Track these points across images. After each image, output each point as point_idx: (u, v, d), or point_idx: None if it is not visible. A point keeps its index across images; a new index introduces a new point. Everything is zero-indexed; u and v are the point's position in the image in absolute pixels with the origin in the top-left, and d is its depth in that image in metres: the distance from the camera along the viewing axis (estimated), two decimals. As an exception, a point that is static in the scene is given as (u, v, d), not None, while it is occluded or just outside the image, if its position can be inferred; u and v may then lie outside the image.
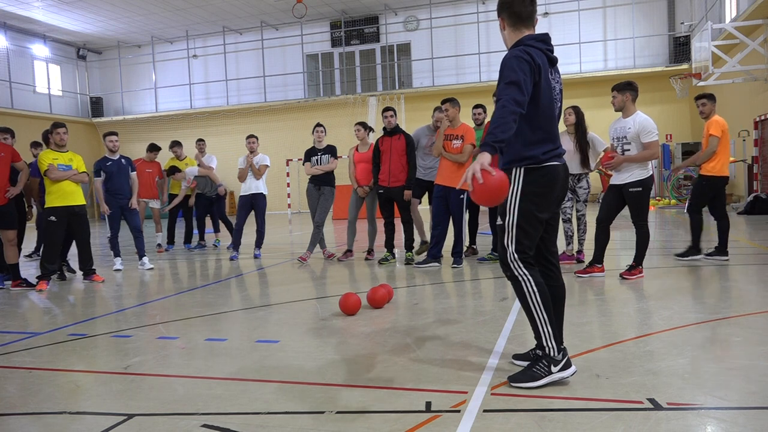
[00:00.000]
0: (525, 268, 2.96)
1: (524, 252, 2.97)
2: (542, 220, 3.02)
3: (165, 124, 24.87)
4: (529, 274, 2.95)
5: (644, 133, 5.63)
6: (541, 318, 2.95)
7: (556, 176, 3.02)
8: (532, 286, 2.94)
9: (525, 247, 2.97)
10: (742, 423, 2.45)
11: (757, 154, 14.75)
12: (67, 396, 3.10)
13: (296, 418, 2.65)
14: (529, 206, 2.96)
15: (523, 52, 2.89)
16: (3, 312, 5.51)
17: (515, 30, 3.06)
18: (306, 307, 5.15)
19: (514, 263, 2.97)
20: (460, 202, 6.97)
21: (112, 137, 8.00)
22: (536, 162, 2.96)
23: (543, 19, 21.60)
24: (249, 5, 21.85)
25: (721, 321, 4.08)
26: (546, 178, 2.98)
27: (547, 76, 2.98)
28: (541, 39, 3.02)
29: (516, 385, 2.93)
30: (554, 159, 3.01)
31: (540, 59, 2.92)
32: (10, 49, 22.39)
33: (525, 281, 2.95)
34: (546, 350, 2.95)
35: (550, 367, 2.93)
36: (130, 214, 8.01)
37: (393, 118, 7.55)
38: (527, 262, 2.98)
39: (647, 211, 5.83)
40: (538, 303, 2.94)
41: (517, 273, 2.96)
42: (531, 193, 2.96)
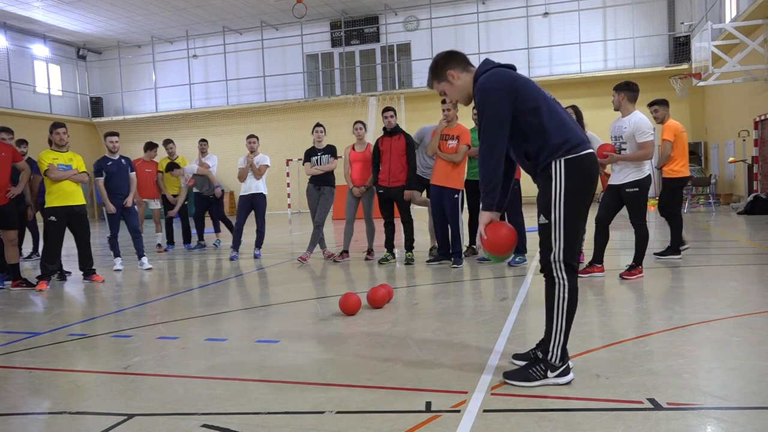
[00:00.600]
0: (566, 272, 2.89)
1: (572, 256, 2.89)
2: (586, 218, 2.97)
3: (165, 124, 24.87)
4: (568, 280, 2.89)
5: (639, 133, 5.67)
6: (561, 325, 2.91)
7: (594, 164, 2.92)
8: (566, 292, 2.89)
9: (573, 250, 2.89)
10: (742, 423, 2.45)
11: (757, 154, 14.75)
12: (67, 396, 3.10)
13: (296, 418, 2.65)
14: (576, 202, 2.87)
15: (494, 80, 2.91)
16: (3, 312, 5.51)
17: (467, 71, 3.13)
18: (306, 307, 5.15)
19: (557, 264, 2.90)
20: (454, 202, 6.97)
21: (112, 138, 8.00)
22: (571, 148, 2.86)
23: (543, 19, 21.62)
24: (249, 5, 21.85)
25: (721, 321, 4.08)
26: (587, 169, 2.88)
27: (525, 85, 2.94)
28: (498, 65, 3.05)
29: (509, 382, 2.95)
30: (586, 145, 2.92)
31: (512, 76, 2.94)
32: (10, 49, 22.39)
33: (561, 285, 2.90)
34: (549, 355, 2.94)
35: (547, 372, 2.93)
36: (128, 215, 8.01)
37: (393, 118, 7.55)
38: (571, 266, 2.91)
39: (645, 211, 5.85)
40: (564, 310, 2.90)
41: (556, 275, 2.91)
42: (577, 187, 2.86)
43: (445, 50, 3.25)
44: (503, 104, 2.88)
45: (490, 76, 2.96)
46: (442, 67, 3.14)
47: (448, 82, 3.13)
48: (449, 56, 3.17)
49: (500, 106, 2.87)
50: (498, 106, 2.88)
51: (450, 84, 3.13)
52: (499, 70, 3.00)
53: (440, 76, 3.15)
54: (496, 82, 2.91)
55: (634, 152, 5.69)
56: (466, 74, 3.11)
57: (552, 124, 2.89)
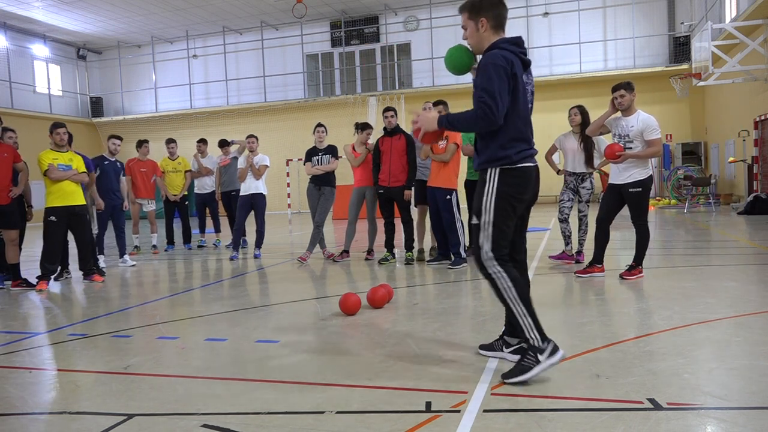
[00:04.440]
0: (499, 265, 3.06)
1: (500, 251, 3.08)
2: (515, 220, 3.16)
3: (165, 124, 24.88)
4: (504, 271, 3.05)
5: (648, 131, 5.63)
6: (520, 311, 3.02)
7: (530, 177, 3.12)
8: (507, 281, 3.03)
9: (501, 246, 3.08)
10: (742, 423, 2.45)
11: (757, 154, 14.75)
12: (67, 396, 3.10)
13: (296, 418, 2.65)
14: (504, 206, 3.06)
15: (502, 59, 2.98)
16: (3, 312, 5.51)
17: (495, 33, 3.13)
18: (306, 307, 5.15)
19: (488, 262, 3.07)
20: (447, 202, 6.94)
21: (116, 141, 8.40)
22: (510, 162, 3.05)
23: (543, 19, 21.62)
24: (249, 5, 21.86)
25: (721, 321, 4.08)
26: (520, 179, 3.08)
27: (522, 80, 3.06)
28: (515, 42, 3.11)
29: (510, 381, 2.95)
30: (528, 160, 3.11)
31: (516, 65, 3.02)
32: (10, 49, 22.40)
33: (500, 278, 3.04)
34: (530, 341, 3.00)
35: (537, 356, 2.96)
36: (119, 214, 8.38)
37: (393, 118, 7.55)
38: (502, 259, 3.07)
39: (647, 211, 5.83)
40: (515, 297, 3.02)
41: (491, 271, 3.06)
42: (506, 194, 3.06)
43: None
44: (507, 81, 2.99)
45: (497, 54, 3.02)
46: (485, 10, 3.11)
47: (476, 24, 3.13)
48: (495, 4, 3.12)
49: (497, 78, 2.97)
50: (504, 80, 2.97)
51: (475, 28, 3.14)
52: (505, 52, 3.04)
53: (475, 14, 3.13)
54: (515, 64, 3.01)
55: (644, 149, 5.66)
56: (492, 33, 3.13)
57: (509, 137, 3.05)
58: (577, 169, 6.90)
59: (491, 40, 3.11)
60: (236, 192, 9.44)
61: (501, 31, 3.14)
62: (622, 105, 5.74)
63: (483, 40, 3.13)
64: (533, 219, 13.79)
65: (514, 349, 3.31)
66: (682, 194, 17.44)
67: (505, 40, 3.11)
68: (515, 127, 3.05)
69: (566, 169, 7.00)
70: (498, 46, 3.07)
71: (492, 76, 2.94)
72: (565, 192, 7.04)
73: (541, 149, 7.87)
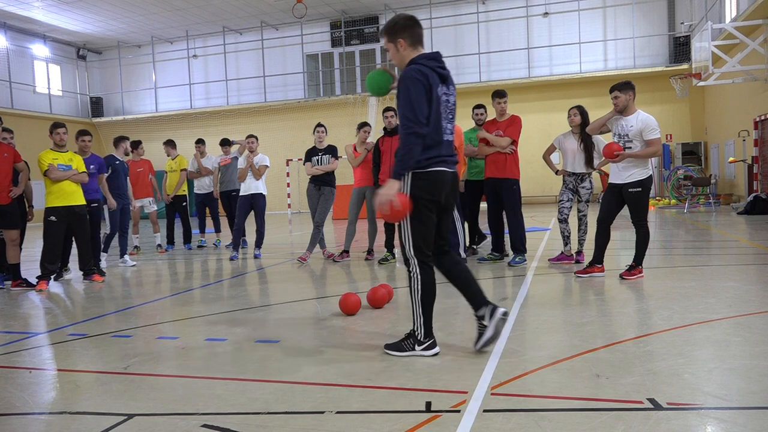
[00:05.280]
0: (419, 267, 3.43)
1: (420, 250, 3.43)
2: (434, 219, 3.45)
3: (165, 124, 24.89)
4: (420, 274, 3.43)
5: (647, 130, 5.63)
6: (418, 310, 3.47)
7: (442, 180, 3.43)
8: (419, 284, 3.44)
9: (421, 244, 3.43)
10: (742, 423, 2.45)
11: (757, 154, 14.75)
12: (67, 396, 3.10)
13: (296, 418, 2.65)
14: (419, 207, 3.38)
15: (419, 73, 3.32)
16: (3, 312, 5.51)
17: (414, 50, 3.47)
18: (306, 307, 5.15)
19: (411, 260, 3.45)
20: None
21: (126, 143, 8.64)
22: (421, 167, 3.37)
23: (543, 19, 21.62)
24: (249, 5, 21.86)
25: (721, 321, 4.08)
26: (430, 182, 3.40)
27: (437, 91, 3.38)
28: (432, 57, 3.44)
29: (387, 352, 3.53)
30: (440, 165, 3.42)
31: (432, 78, 3.35)
32: (10, 49, 22.40)
33: (415, 280, 3.45)
34: (416, 333, 3.50)
35: (415, 345, 3.49)
36: (124, 214, 8.43)
37: (393, 118, 7.55)
38: (423, 261, 3.44)
39: (647, 211, 5.83)
40: (419, 299, 3.46)
41: (411, 269, 3.46)
42: (418, 196, 3.37)
43: (410, 16, 3.56)
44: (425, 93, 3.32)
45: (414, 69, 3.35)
46: (399, 33, 3.46)
47: (395, 46, 3.48)
48: (409, 26, 3.48)
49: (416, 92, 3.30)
50: (422, 93, 3.31)
51: (396, 49, 3.49)
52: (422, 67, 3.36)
53: (393, 37, 3.48)
54: (430, 77, 3.34)
55: (643, 149, 5.66)
56: (411, 50, 3.46)
57: (426, 139, 3.33)
58: (576, 169, 6.90)
59: (411, 57, 3.45)
60: (236, 192, 9.45)
61: (419, 47, 3.48)
62: (618, 106, 5.78)
63: (404, 58, 3.47)
64: (533, 219, 13.79)
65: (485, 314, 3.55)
66: (682, 194, 17.44)
67: (424, 55, 3.43)
68: (429, 136, 3.36)
69: (565, 169, 7.00)
70: (416, 61, 3.40)
71: (410, 89, 3.29)
72: (564, 192, 7.04)
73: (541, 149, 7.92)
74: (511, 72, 21.80)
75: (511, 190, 6.98)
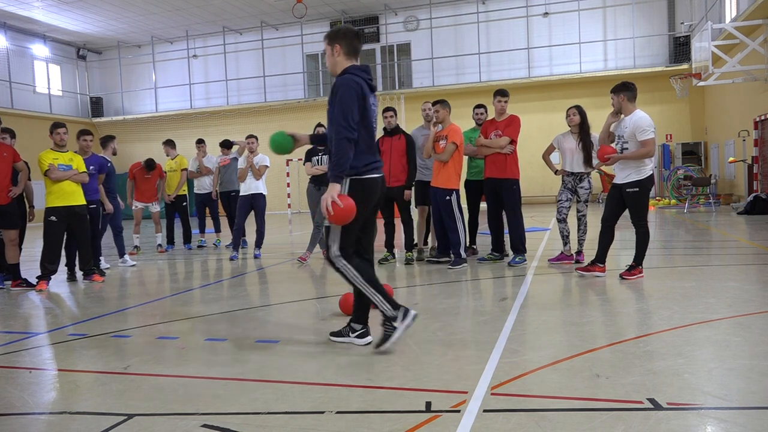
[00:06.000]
0: (344, 259, 3.60)
1: (345, 249, 3.61)
2: (361, 223, 3.63)
3: (165, 124, 24.89)
4: (348, 263, 3.59)
5: (639, 131, 5.66)
6: (370, 291, 3.58)
7: (375, 186, 3.67)
8: (353, 270, 3.58)
9: (346, 245, 3.62)
10: (742, 423, 2.45)
11: (757, 154, 14.75)
12: (67, 396, 3.10)
13: (296, 418, 2.65)
14: None
15: (353, 82, 3.54)
16: (3, 312, 5.51)
17: (348, 59, 3.69)
18: (306, 307, 5.15)
19: (336, 259, 3.60)
20: (447, 203, 6.91)
21: (113, 142, 8.59)
22: (358, 173, 3.58)
23: (543, 19, 21.62)
24: (249, 5, 21.85)
25: (721, 321, 4.08)
26: (366, 188, 3.61)
27: (369, 101, 3.62)
28: (363, 70, 3.67)
29: (380, 349, 3.55)
30: (373, 171, 3.65)
31: (365, 88, 3.59)
32: (10, 49, 22.40)
33: (347, 270, 3.58)
34: (385, 313, 3.56)
35: (393, 324, 3.53)
36: (117, 215, 8.43)
37: (393, 118, 7.55)
38: (346, 254, 3.60)
39: (646, 211, 5.83)
40: (363, 282, 3.58)
41: (339, 266, 3.60)
42: (355, 200, 3.51)
43: (353, 28, 3.79)
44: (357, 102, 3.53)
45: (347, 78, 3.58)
46: (339, 39, 3.67)
47: (332, 50, 3.68)
48: (349, 36, 3.68)
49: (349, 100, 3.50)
50: (355, 101, 3.52)
51: (331, 53, 3.69)
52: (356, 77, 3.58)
53: (332, 41, 3.68)
54: (363, 87, 3.58)
55: (635, 150, 5.68)
56: (345, 59, 3.67)
57: (356, 150, 3.54)
58: (575, 169, 6.91)
59: (344, 65, 3.67)
60: (236, 192, 9.45)
61: (354, 59, 3.71)
62: (614, 107, 5.89)
63: (337, 65, 3.68)
64: (533, 219, 13.79)
65: (359, 334, 3.80)
66: (682, 194, 17.43)
67: (356, 67, 3.67)
68: (363, 142, 3.58)
69: (564, 169, 7.00)
70: (349, 71, 3.63)
71: (344, 97, 3.49)
72: (563, 192, 7.04)
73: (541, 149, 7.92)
74: (511, 72, 21.80)
75: (510, 190, 6.98)
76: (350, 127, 3.47)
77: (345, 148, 3.46)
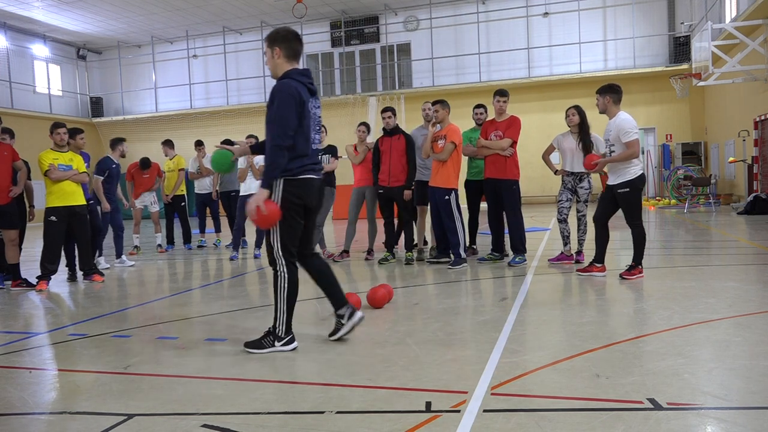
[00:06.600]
0: (286, 266, 3.65)
1: (288, 250, 3.65)
2: (301, 223, 3.69)
3: (165, 124, 24.87)
4: (287, 273, 3.65)
5: (622, 133, 5.72)
6: (282, 307, 3.67)
7: (310, 186, 3.69)
8: (286, 283, 3.65)
9: (289, 245, 3.66)
10: (742, 423, 2.45)
11: (757, 154, 14.74)
12: (67, 396, 3.10)
13: (296, 418, 2.65)
14: (289, 211, 3.59)
15: (292, 88, 3.57)
16: (3, 312, 5.51)
17: (289, 63, 3.72)
18: (306, 307, 5.15)
19: (279, 260, 3.64)
20: (446, 203, 6.91)
21: (123, 145, 8.70)
22: (292, 174, 3.60)
23: (543, 19, 21.61)
24: (249, 5, 21.85)
25: (721, 321, 4.08)
26: (300, 188, 3.63)
27: (307, 106, 3.64)
28: (303, 74, 3.72)
29: (248, 350, 3.68)
30: (308, 172, 3.67)
31: (304, 93, 3.62)
32: (10, 49, 22.38)
33: (282, 278, 3.65)
34: (276, 330, 3.69)
35: (275, 342, 3.68)
36: (117, 215, 8.45)
37: (391, 118, 7.54)
38: (290, 261, 3.67)
39: (640, 210, 5.86)
40: (284, 297, 3.66)
41: (278, 269, 3.65)
42: (288, 201, 3.59)
43: (293, 30, 3.78)
44: (295, 108, 3.56)
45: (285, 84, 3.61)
46: (278, 42, 3.69)
47: (272, 52, 3.71)
48: (288, 39, 3.71)
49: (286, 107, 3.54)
50: (293, 107, 3.55)
51: (271, 56, 3.72)
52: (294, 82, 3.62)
53: (271, 44, 3.71)
54: (302, 93, 3.61)
55: (620, 153, 5.74)
56: (285, 62, 3.70)
57: (292, 153, 3.57)
58: (575, 169, 6.91)
59: (285, 69, 3.70)
60: (236, 192, 9.45)
61: (294, 62, 3.74)
62: (598, 108, 5.97)
63: (277, 67, 3.72)
64: (533, 219, 13.78)
65: (349, 314, 3.87)
66: (682, 194, 17.43)
67: (297, 71, 3.70)
68: (300, 146, 3.61)
69: (564, 169, 7.01)
70: (289, 75, 3.66)
71: (281, 105, 3.53)
72: (563, 192, 7.04)
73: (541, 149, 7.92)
74: (511, 72, 21.79)
75: (510, 190, 6.98)
76: (285, 135, 3.51)
77: (277, 155, 3.51)
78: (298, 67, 3.74)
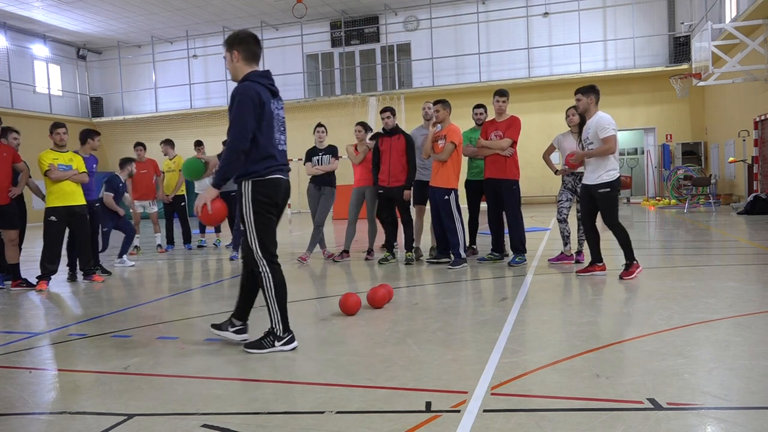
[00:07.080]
0: (269, 266, 3.64)
1: (267, 249, 3.65)
2: (275, 222, 3.71)
3: (165, 124, 24.87)
4: (270, 272, 3.64)
5: (600, 129, 5.78)
6: (275, 307, 3.66)
7: (278, 186, 3.68)
8: (271, 282, 3.63)
9: (267, 245, 3.65)
10: (742, 423, 2.45)
11: (757, 154, 14.74)
12: (67, 396, 3.10)
13: (296, 418, 2.65)
14: (260, 211, 3.62)
15: (251, 91, 3.55)
16: (3, 312, 5.51)
17: (248, 65, 3.71)
18: (306, 307, 5.15)
19: (259, 261, 3.64)
20: (445, 202, 6.91)
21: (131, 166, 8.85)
22: (260, 175, 3.61)
23: (543, 19, 21.62)
24: (249, 5, 21.85)
25: (721, 321, 4.08)
26: (269, 188, 3.64)
27: (270, 107, 3.62)
28: (264, 75, 3.69)
29: (248, 351, 3.68)
30: (276, 172, 3.67)
31: (264, 95, 3.59)
32: (10, 49, 22.39)
33: (267, 279, 3.63)
34: (274, 330, 3.68)
35: (275, 342, 3.67)
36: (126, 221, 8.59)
37: (390, 119, 7.53)
38: (271, 260, 3.65)
39: (617, 210, 5.91)
40: (273, 296, 3.64)
41: (262, 270, 3.64)
42: (259, 201, 3.61)
43: (250, 33, 3.78)
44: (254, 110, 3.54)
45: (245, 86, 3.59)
46: (236, 45, 3.69)
47: (231, 56, 3.70)
48: (246, 41, 3.70)
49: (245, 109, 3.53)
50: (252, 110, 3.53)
51: (230, 59, 3.71)
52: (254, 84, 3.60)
53: (230, 47, 3.71)
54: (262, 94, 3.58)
55: (598, 147, 5.81)
56: (245, 65, 3.69)
57: (258, 155, 3.58)
58: (575, 169, 6.92)
59: (245, 71, 3.68)
60: (236, 192, 9.46)
61: (254, 64, 3.73)
62: (578, 108, 6.05)
63: (237, 70, 3.70)
64: (533, 219, 13.78)
65: (237, 329, 3.89)
66: (682, 194, 17.43)
67: (256, 73, 3.68)
68: (264, 147, 3.60)
69: (564, 168, 7.01)
70: (249, 78, 3.64)
71: (240, 108, 3.51)
72: (563, 192, 7.05)
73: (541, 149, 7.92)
74: (511, 72, 21.80)
75: (510, 190, 6.98)
76: (242, 138, 3.51)
77: (232, 158, 3.52)
78: (257, 69, 3.73)
